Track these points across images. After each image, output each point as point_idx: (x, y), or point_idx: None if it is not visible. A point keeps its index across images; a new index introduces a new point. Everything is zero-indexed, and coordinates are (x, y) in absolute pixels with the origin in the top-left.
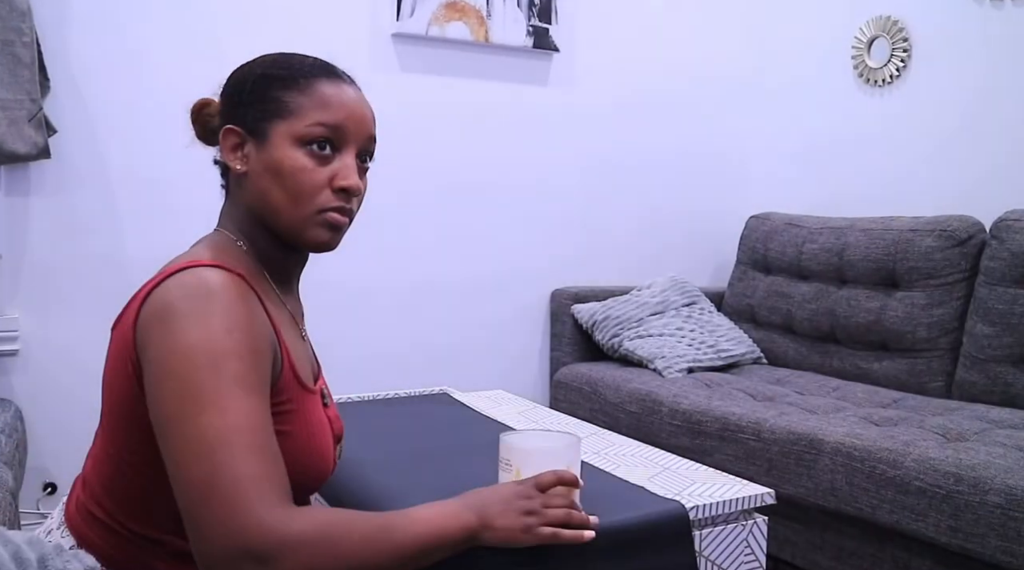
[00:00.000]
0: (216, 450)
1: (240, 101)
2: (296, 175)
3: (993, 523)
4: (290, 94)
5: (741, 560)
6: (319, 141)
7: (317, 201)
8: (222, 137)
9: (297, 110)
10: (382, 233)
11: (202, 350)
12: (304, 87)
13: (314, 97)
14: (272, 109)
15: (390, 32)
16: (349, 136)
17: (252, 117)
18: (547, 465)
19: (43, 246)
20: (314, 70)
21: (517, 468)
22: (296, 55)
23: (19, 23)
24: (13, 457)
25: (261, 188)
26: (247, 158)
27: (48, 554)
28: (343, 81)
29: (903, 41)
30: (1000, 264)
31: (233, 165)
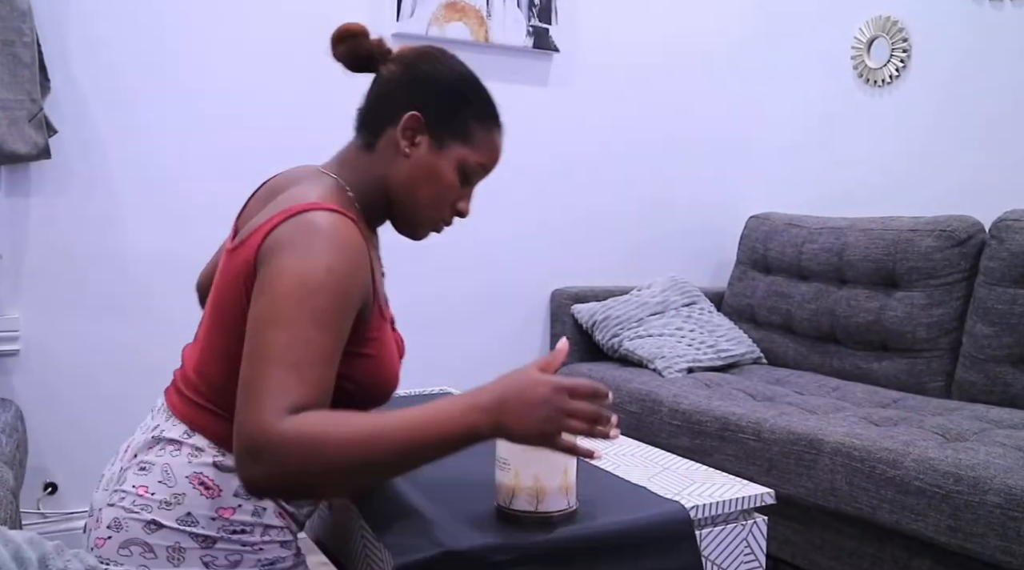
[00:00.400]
0: (265, 361)
1: (433, 97)
2: (447, 189)
3: (992, 523)
4: (479, 128)
5: (741, 560)
6: (473, 175)
7: (442, 212)
8: (407, 118)
9: (476, 144)
10: (381, 233)
11: (298, 279)
12: (489, 128)
13: (490, 142)
14: (460, 130)
15: (390, 32)
16: (484, 176)
17: (440, 121)
18: (545, 464)
19: (43, 246)
20: (496, 114)
21: (515, 469)
22: (485, 86)
23: (19, 23)
24: (13, 457)
25: (414, 178)
26: (416, 147)
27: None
28: (502, 133)
29: (903, 41)
30: (1000, 264)
31: (402, 146)
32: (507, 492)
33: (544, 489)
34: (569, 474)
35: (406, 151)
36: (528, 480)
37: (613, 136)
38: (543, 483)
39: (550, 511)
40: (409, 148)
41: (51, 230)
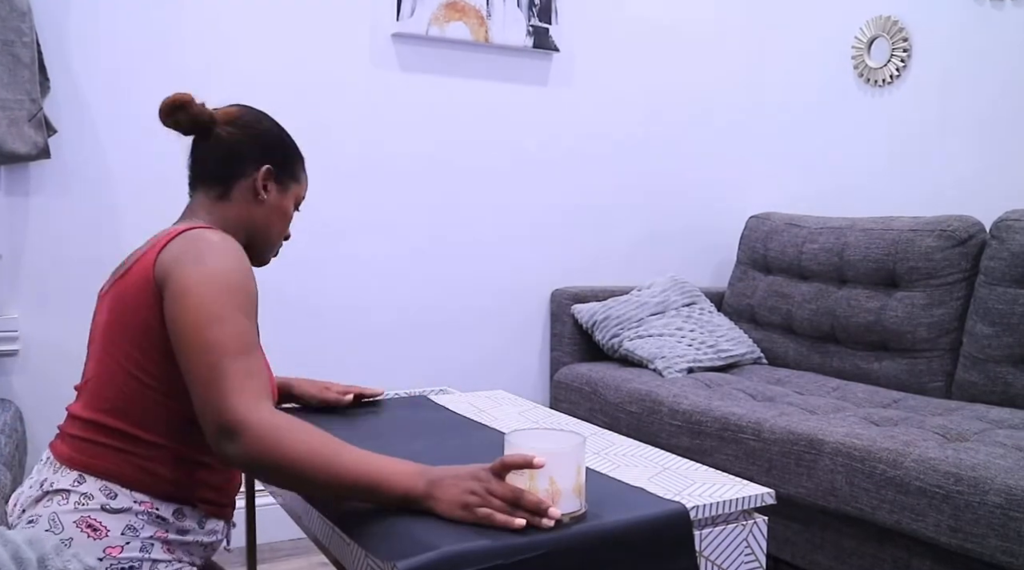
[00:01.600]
0: (217, 353)
1: (274, 152)
2: (285, 222)
3: (993, 523)
4: (300, 169)
5: (741, 560)
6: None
7: (279, 241)
8: (264, 171)
9: (302, 182)
10: (382, 233)
11: (218, 279)
12: (303, 168)
13: (305, 180)
14: (295, 176)
15: (390, 32)
16: None
17: (282, 170)
18: (560, 466)
19: (43, 246)
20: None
21: (530, 471)
22: None
23: (19, 23)
24: (13, 458)
25: (270, 219)
26: (269, 193)
27: (48, 554)
28: None
29: (903, 41)
30: (1000, 264)
31: (260, 194)
32: None
33: (559, 490)
34: (581, 475)
35: (263, 197)
36: (544, 482)
37: (613, 136)
38: (558, 485)
39: (564, 513)
40: (264, 195)
41: (50, 230)
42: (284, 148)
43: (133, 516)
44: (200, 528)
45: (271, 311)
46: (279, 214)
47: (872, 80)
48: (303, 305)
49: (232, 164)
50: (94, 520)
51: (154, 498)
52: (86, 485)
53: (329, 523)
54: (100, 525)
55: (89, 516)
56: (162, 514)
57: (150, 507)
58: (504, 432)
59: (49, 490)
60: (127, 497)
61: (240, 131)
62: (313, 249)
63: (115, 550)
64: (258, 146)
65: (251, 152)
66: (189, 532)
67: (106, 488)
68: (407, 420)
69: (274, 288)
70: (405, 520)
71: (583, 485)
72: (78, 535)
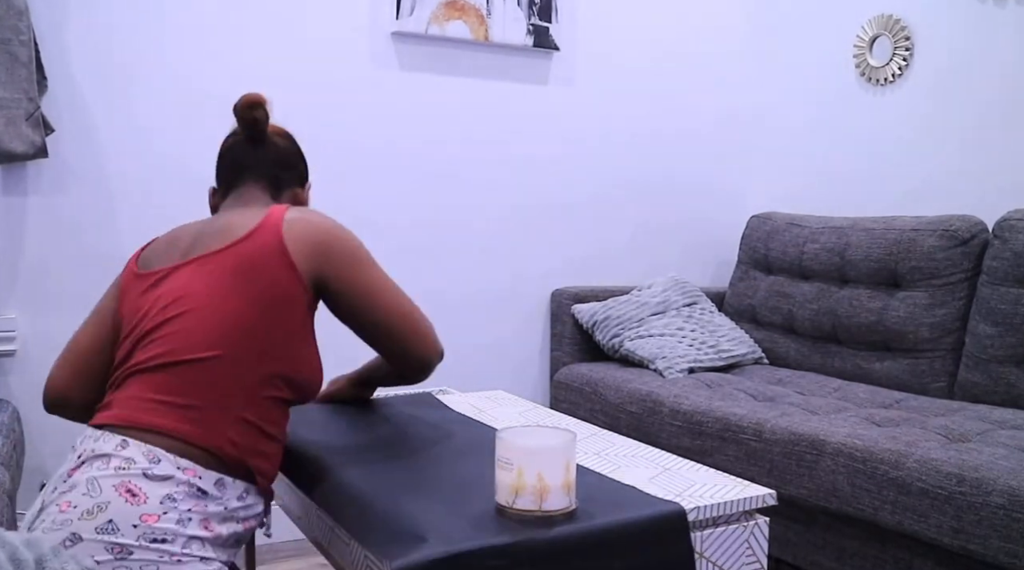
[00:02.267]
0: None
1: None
2: None
3: (996, 524)
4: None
5: (742, 561)
6: None
7: None
8: (308, 186)
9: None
10: (381, 233)
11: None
12: None
13: None
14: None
15: (390, 31)
16: None
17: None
18: (548, 463)
19: (40, 246)
20: None
21: (519, 467)
22: None
23: (16, 22)
24: (10, 458)
25: None
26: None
27: (45, 555)
28: None
29: (905, 40)
30: (1003, 264)
31: (305, 204)
32: (510, 491)
33: (548, 487)
34: (571, 471)
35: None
36: (532, 479)
37: (613, 135)
38: (547, 481)
39: (553, 510)
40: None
41: (48, 229)
42: (302, 158)
43: (174, 486)
44: (239, 501)
45: None
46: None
47: (874, 79)
48: None
49: (287, 170)
50: (134, 485)
51: (198, 464)
52: (129, 450)
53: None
54: (140, 490)
55: (129, 481)
56: (203, 487)
57: (192, 475)
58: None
59: (89, 456)
60: (170, 463)
61: (291, 145)
62: None
63: (151, 518)
64: (303, 163)
65: (298, 166)
66: (227, 507)
67: (150, 452)
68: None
69: None
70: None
71: (573, 482)
72: (116, 499)
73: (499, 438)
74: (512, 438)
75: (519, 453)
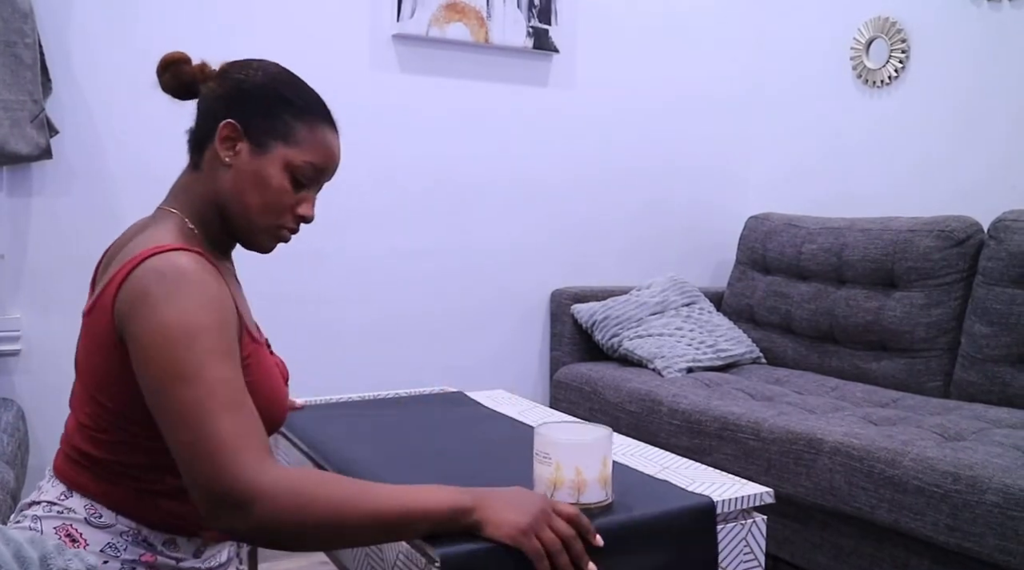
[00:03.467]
0: (196, 418)
1: (248, 103)
2: (278, 194)
3: (991, 522)
4: (299, 125)
5: (740, 559)
6: (304, 176)
7: (281, 219)
8: (221, 127)
9: (300, 142)
10: (381, 233)
11: (178, 328)
12: (312, 125)
13: (316, 139)
14: (280, 130)
15: (390, 33)
16: (323, 178)
17: (257, 124)
18: (586, 457)
19: (45, 246)
20: (321, 111)
21: (557, 461)
22: (305, 84)
23: (21, 24)
24: (15, 457)
25: (241, 186)
26: (238, 154)
27: (50, 552)
28: (335, 130)
29: (901, 42)
30: (998, 264)
31: (223, 155)
32: (548, 485)
33: (585, 481)
34: (607, 465)
35: (227, 161)
36: (570, 473)
37: (613, 136)
38: (584, 475)
39: (590, 503)
40: (230, 157)
41: (53, 230)
42: (265, 97)
43: (117, 536)
44: (196, 558)
45: (269, 311)
46: (254, 181)
47: (870, 81)
48: (302, 305)
49: (202, 125)
50: (74, 530)
51: (142, 526)
52: (71, 501)
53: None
54: (80, 537)
55: (71, 525)
56: (151, 540)
57: (136, 532)
58: (533, 425)
59: (38, 499)
60: (111, 517)
61: (220, 85)
62: (312, 249)
63: None
64: (228, 98)
65: (220, 107)
66: (183, 559)
67: (91, 506)
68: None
69: (272, 288)
70: None
71: (609, 476)
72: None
73: (538, 433)
74: (550, 433)
75: (557, 447)
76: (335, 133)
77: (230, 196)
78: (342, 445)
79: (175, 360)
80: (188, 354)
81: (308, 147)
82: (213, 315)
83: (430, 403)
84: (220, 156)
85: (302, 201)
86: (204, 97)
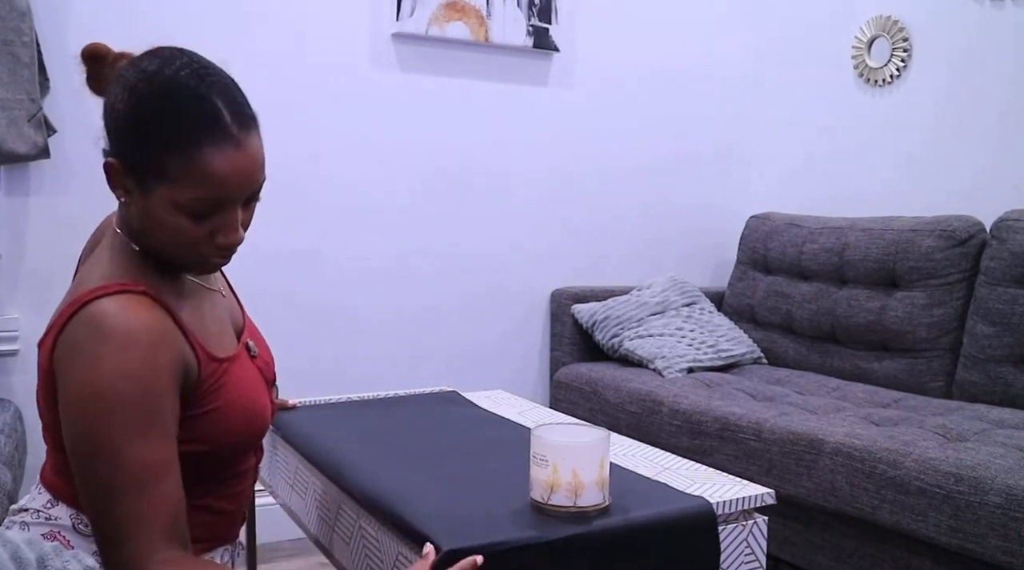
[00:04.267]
0: (100, 495)
1: (121, 139)
2: (176, 234)
3: (993, 523)
4: (172, 159)
5: (741, 560)
6: (199, 210)
7: (198, 252)
8: (104, 165)
9: (177, 179)
10: (382, 233)
11: (98, 397)
12: (186, 155)
13: (195, 170)
14: (153, 168)
15: (390, 32)
16: (230, 200)
17: (132, 162)
18: (583, 459)
19: (43, 246)
20: (197, 131)
21: (554, 464)
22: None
23: (19, 23)
24: (12, 457)
25: (144, 226)
26: (129, 193)
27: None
28: (229, 141)
29: (903, 41)
30: (1000, 264)
31: (117, 195)
32: (544, 487)
33: (582, 483)
34: (605, 468)
35: (124, 200)
36: (567, 475)
37: (613, 135)
38: (581, 478)
39: (587, 506)
40: (124, 196)
41: (50, 230)
42: (134, 133)
43: None
44: None
45: (269, 310)
46: (151, 222)
47: (872, 80)
48: (302, 305)
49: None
50: (62, 537)
51: None
52: (56, 509)
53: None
54: (68, 544)
55: (59, 532)
56: None
57: None
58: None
59: (25, 506)
60: None
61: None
62: (312, 248)
63: None
64: (109, 127)
65: (110, 134)
66: None
67: (77, 515)
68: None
69: (272, 287)
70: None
71: (607, 479)
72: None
73: (534, 435)
74: (547, 435)
75: (555, 450)
76: (232, 147)
77: (141, 232)
78: (335, 446)
79: (90, 431)
80: (104, 427)
81: (189, 182)
82: (139, 383)
83: (425, 403)
84: (117, 197)
85: (216, 230)
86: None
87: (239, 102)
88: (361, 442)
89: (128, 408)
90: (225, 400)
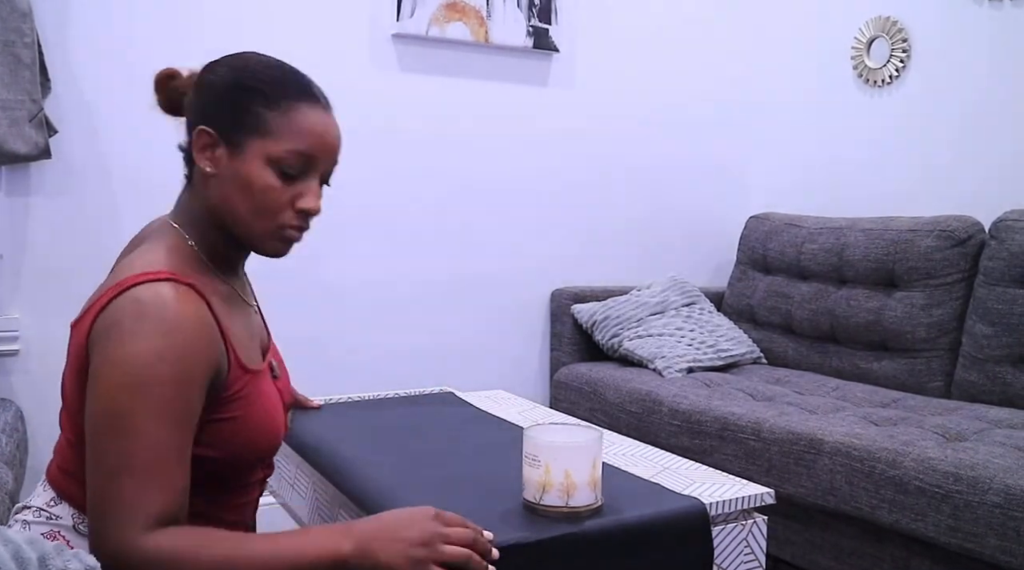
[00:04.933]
0: (109, 470)
1: (217, 104)
2: (265, 193)
3: (992, 523)
4: (270, 113)
5: (741, 560)
6: (290, 166)
7: (280, 218)
8: (195, 135)
9: (275, 131)
10: (382, 233)
11: (131, 374)
12: (285, 109)
13: (293, 122)
14: (250, 123)
15: (390, 32)
16: (318, 163)
17: (227, 124)
18: (575, 460)
19: (44, 246)
20: (295, 91)
21: (546, 464)
22: (275, 66)
23: (20, 24)
24: (14, 457)
25: (227, 194)
26: (217, 161)
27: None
28: (320, 105)
29: (902, 42)
30: (999, 264)
31: (203, 166)
32: (537, 488)
33: (574, 484)
34: (597, 468)
35: (208, 170)
36: (559, 476)
37: (613, 135)
38: (574, 478)
39: (580, 506)
40: (210, 165)
41: (51, 230)
42: (228, 94)
43: None
44: None
45: (267, 310)
46: (238, 185)
47: (871, 80)
48: (301, 304)
49: (188, 139)
50: (61, 537)
51: None
52: (58, 508)
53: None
54: (68, 544)
55: (59, 531)
56: None
57: None
58: (523, 427)
59: (28, 504)
60: None
61: (195, 93)
62: (310, 248)
63: None
64: (198, 104)
65: (194, 116)
66: None
67: (78, 515)
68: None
69: (275, 285)
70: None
71: (599, 479)
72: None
73: (527, 435)
74: (540, 435)
75: (547, 450)
76: (322, 110)
77: (221, 206)
78: (334, 446)
79: (115, 406)
80: (130, 403)
81: (286, 134)
82: (175, 365)
83: (420, 404)
84: (203, 169)
85: (299, 194)
86: (186, 109)
87: None
88: (359, 442)
89: (159, 390)
90: (245, 411)
